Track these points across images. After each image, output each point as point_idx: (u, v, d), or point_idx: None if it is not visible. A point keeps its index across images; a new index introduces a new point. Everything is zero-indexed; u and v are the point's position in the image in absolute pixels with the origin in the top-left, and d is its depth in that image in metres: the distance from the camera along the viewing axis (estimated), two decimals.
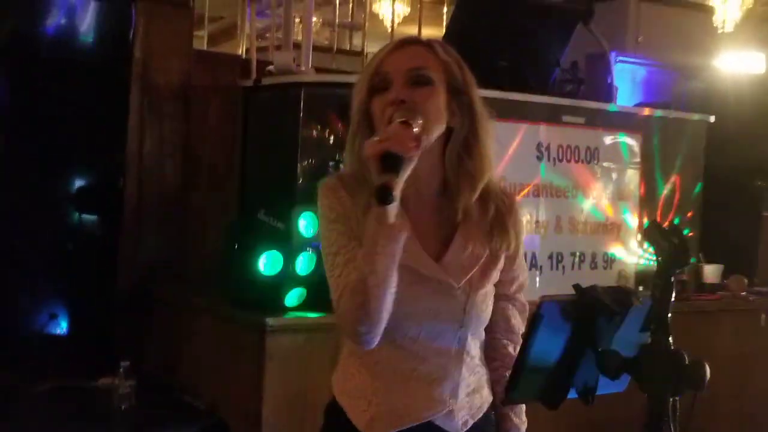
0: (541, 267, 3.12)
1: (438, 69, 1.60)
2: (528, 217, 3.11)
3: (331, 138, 2.87)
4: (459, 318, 1.62)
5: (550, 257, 3.15)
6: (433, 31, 5.33)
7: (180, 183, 3.09)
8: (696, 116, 3.65)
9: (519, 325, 1.74)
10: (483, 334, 1.70)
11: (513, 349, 1.74)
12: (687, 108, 3.76)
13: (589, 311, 1.65)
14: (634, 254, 3.36)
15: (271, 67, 3.08)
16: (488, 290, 1.67)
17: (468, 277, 1.61)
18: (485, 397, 1.70)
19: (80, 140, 2.88)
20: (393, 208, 1.46)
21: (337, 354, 1.73)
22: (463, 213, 1.62)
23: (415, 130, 1.48)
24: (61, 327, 2.79)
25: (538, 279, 3.09)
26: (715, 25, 5.14)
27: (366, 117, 1.60)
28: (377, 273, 1.49)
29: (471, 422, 1.66)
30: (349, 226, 1.58)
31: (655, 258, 1.58)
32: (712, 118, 3.66)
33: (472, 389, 1.68)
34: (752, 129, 4.21)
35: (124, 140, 2.92)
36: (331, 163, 2.79)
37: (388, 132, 1.48)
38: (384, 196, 1.43)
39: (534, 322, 1.75)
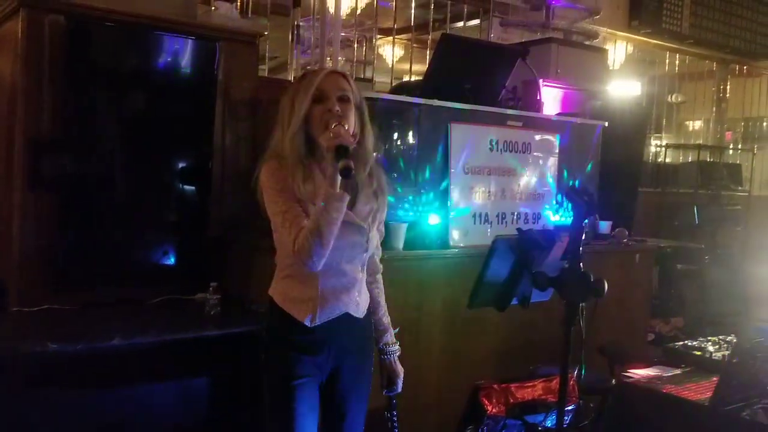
0: (491, 222, 3.07)
1: (351, 92, 1.66)
2: (483, 189, 3.06)
3: None
4: (365, 246, 1.71)
5: (497, 216, 3.09)
6: (419, 66, 5.24)
7: (249, 165, 3.01)
8: (595, 122, 3.57)
9: (380, 248, 1.85)
10: None
11: (378, 259, 1.85)
12: (589, 117, 3.70)
13: (527, 245, 1.61)
14: (552, 215, 3.31)
15: None
16: (377, 228, 1.76)
17: (368, 220, 1.70)
18: (368, 293, 1.80)
19: (184, 136, 2.81)
20: (342, 181, 1.54)
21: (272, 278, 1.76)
22: (360, 181, 1.67)
23: (347, 129, 1.59)
24: (171, 259, 2.75)
25: (489, 230, 3.03)
26: (608, 63, 5.06)
27: (306, 118, 1.63)
28: (332, 221, 1.54)
29: (365, 310, 1.76)
30: (290, 192, 1.61)
31: (571, 210, 1.54)
32: (606, 124, 3.58)
33: (365, 289, 1.77)
34: (631, 131, 4.16)
35: (212, 136, 2.86)
36: None
37: (337, 132, 1.56)
38: (348, 173, 1.51)
39: (489, 252, 1.71)
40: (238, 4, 4.21)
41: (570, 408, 2.31)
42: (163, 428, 2.18)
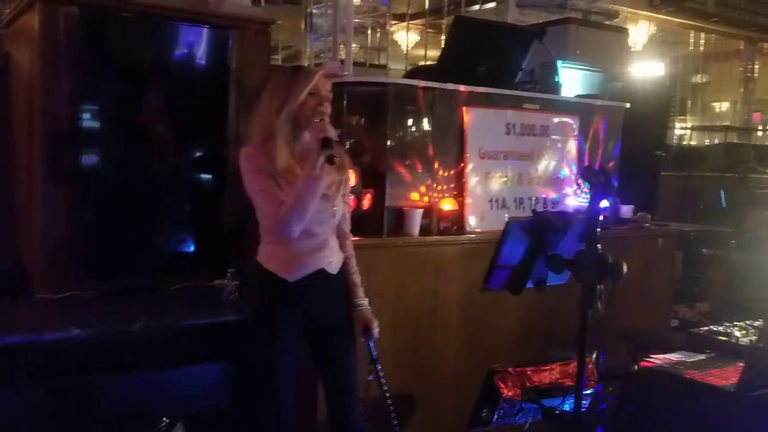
0: (509, 207, 3.06)
1: (331, 92, 2.03)
2: (500, 173, 3.05)
3: (363, 120, 2.85)
4: (332, 212, 2.03)
5: (515, 201, 3.09)
6: (435, 52, 5.22)
7: None
8: (616, 104, 3.54)
9: (349, 218, 2.15)
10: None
11: (348, 228, 2.15)
12: (610, 98, 3.67)
13: (542, 227, 1.62)
14: (572, 199, 3.29)
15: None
16: (341, 198, 2.06)
17: (331, 189, 2.00)
18: (341, 254, 2.10)
19: (198, 126, 2.84)
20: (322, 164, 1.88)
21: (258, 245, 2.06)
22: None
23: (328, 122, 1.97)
24: (189, 247, 2.80)
25: (506, 216, 3.01)
26: (629, 43, 5.00)
27: (300, 105, 1.95)
28: (313, 196, 1.90)
29: (338, 267, 2.08)
30: (267, 174, 1.93)
31: (588, 191, 1.54)
32: (628, 105, 3.55)
33: (338, 250, 2.08)
34: (654, 114, 4.11)
35: (226, 125, 2.88)
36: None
37: (323, 126, 1.94)
38: (332, 160, 1.89)
39: (502, 235, 1.72)
40: None
41: (588, 392, 2.31)
42: (182, 412, 2.24)
